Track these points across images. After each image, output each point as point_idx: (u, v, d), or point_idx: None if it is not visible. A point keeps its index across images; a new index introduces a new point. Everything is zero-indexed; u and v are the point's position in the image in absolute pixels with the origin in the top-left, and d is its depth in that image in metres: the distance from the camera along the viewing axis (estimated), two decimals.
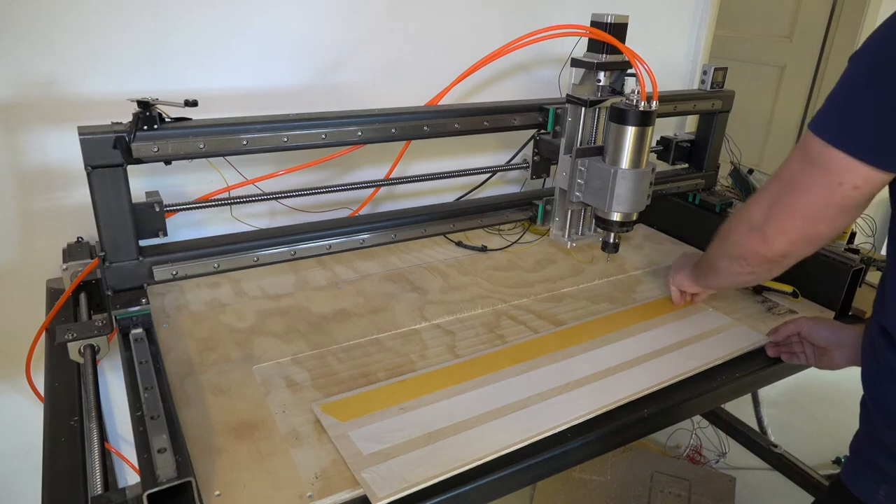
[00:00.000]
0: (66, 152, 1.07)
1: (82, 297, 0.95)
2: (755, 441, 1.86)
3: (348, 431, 0.80)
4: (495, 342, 1.03)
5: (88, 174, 0.89)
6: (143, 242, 0.99)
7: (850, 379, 0.88)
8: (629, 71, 1.10)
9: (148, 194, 1.02)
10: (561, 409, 0.87)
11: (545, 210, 1.27)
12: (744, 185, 1.50)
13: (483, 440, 0.80)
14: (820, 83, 2.74)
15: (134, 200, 0.95)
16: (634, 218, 1.10)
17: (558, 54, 1.24)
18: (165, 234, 1.00)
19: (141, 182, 1.13)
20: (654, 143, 1.48)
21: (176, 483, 0.62)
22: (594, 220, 1.17)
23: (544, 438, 0.82)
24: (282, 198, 1.13)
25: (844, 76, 0.70)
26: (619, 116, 1.02)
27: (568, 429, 0.84)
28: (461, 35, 1.37)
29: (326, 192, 1.17)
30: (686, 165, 1.51)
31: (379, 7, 1.27)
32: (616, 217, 1.09)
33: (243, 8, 1.15)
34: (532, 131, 1.26)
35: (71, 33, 1.03)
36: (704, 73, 1.41)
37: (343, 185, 1.18)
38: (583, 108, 1.11)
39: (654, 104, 1.01)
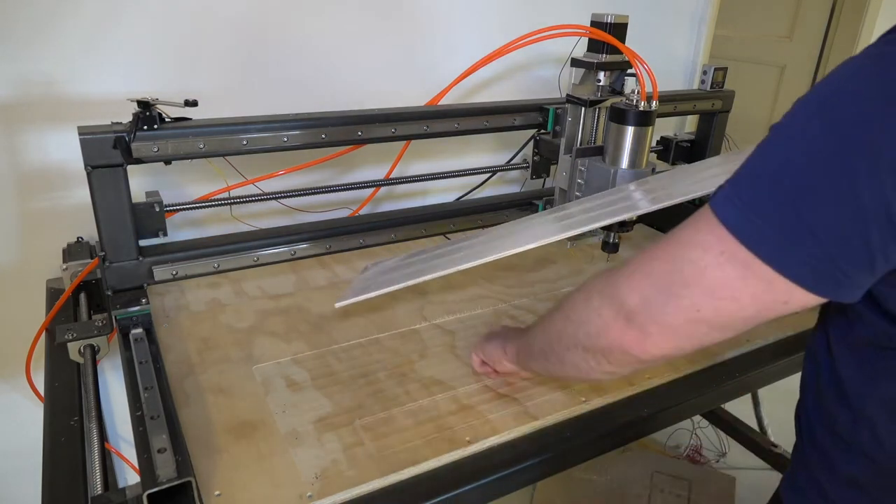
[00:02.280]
0: (66, 152, 1.07)
1: (82, 297, 0.96)
2: (755, 441, 1.86)
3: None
4: None
5: (88, 174, 0.89)
6: (143, 242, 0.99)
7: None
8: (629, 71, 1.10)
9: (148, 194, 1.02)
10: None
11: (545, 210, 1.27)
12: None
13: None
14: None
15: (134, 200, 0.95)
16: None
17: (558, 54, 1.24)
18: (165, 234, 1.00)
19: (141, 182, 1.13)
20: (654, 143, 1.48)
21: (176, 483, 0.62)
22: None
23: (544, 438, 0.82)
24: (282, 198, 1.13)
25: (785, 156, 0.48)
26: (619, 116, 1.02)
27: (568, 429, 0.84)
28: (461, 35, 1.37)
29: (326, 192, 1.17)
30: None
31: (379, 6, 1.27)
32: None
33: (245, 7, 1.15)
34: (532, 131, 1.26)
35: (71, 33, 1.03)
36: (704, 73, 1.41)
37: (343, 185, 1.18)
38: (583, 108, 1.11)
39: (654, 104, 1.01)
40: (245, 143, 0.98)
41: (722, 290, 0.51)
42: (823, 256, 0.46)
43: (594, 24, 1.08)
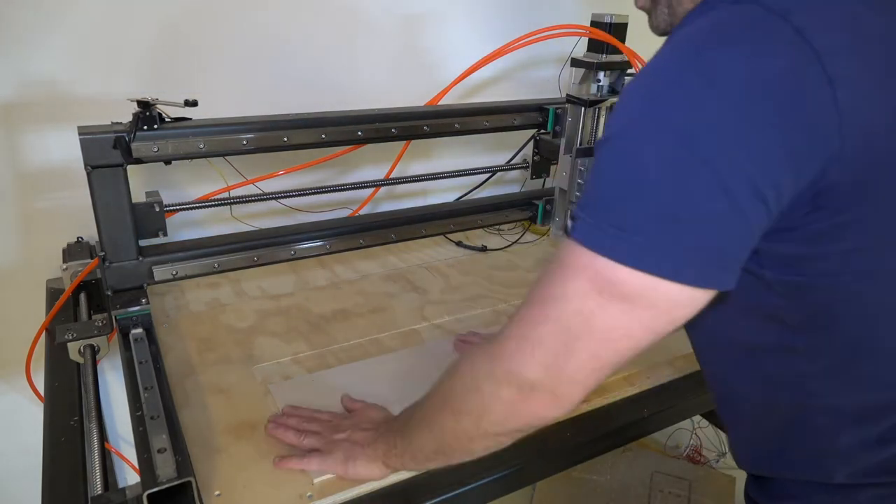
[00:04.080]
0: (67, 152, 1.07)
1: (82, 297, 0.95)
2: None
3: None
4: None
5: (88, 174, 0.89)
6: (143, 242, 0.99)
7: None
8: (629, 71, 1.10)
9: (148, 194, 1.02)
10: None
11: (545, 210, 1.27)
12: None
13: None
14: None
15: (134, 200, 0.95)
16: None
17: (558, 54, 1.24)
18: (165, 234, 1.00)
19: (141, 182, 1.13)
20: None
21: (176, 483, 0.62)
22: None
23: (544, 438, 0.82)
24: (282, 198, 1.13)
25: (636, 170, 0.48)
26: None
27: (568, 429, 0.84)
28: (461, 35, 1.37)
29: (326, 192, 1.17)
30: None
31: (379, 6, 1.27)
32: None
33: (245, 7, 1.15)
34: (532, 131, 1.26)
35: (71, 33, 1.03)
36: None
37: (343, 185, 1.18)
38: (583, 108, 1.11)
39: None
40: (245, 143, 0.98)
41: (614, 332, 0.51)
42: (707, 249, 0.47)
43: (594, 24, 1.08)
